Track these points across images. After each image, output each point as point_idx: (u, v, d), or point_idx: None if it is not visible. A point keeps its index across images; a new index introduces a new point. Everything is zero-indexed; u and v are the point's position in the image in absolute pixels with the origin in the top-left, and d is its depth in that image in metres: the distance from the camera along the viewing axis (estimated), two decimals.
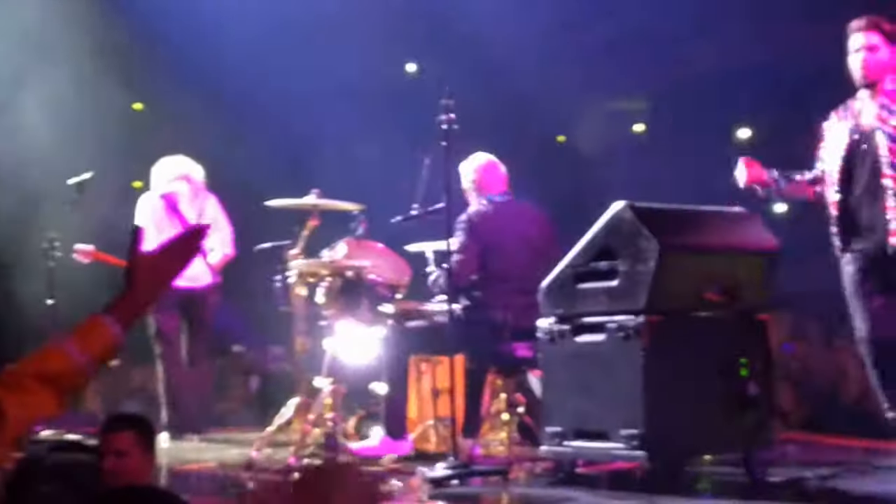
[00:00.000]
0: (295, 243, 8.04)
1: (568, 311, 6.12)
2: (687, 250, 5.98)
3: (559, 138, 17.14)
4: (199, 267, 8.96)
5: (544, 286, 6.26)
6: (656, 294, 5.76)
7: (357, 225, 8.19)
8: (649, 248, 5.77)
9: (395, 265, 8.35)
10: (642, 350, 5.70)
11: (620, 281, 5.89)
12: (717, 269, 6.08)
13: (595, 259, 6.04)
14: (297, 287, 7.92)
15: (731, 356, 5.97)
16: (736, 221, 6.39)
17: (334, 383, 7.56)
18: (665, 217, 6.08)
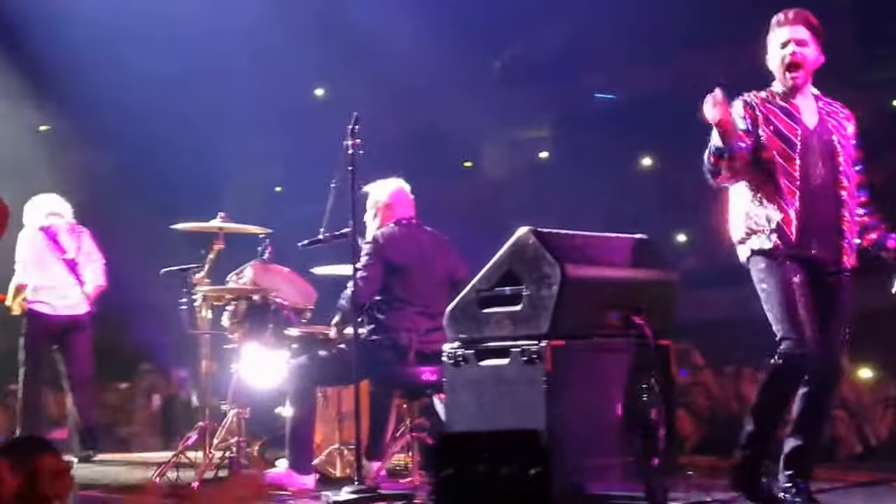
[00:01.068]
0: (201, 266, 8.03)
1: (472, 335, 6.17)
2: (589, 276, 6.06)
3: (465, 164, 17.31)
4: (76, 297, 9.05)
5: (449, 310, 6.31)
6: (559, 319, 5.84)
7: (263, 248, 8.20)
8: (552, 274, 5.85)
9: (301, 289, 8.38)
10: (545, 374, 5.76)
11: (524, 306, 5.96)
12: (620, 294, 6.17)
13: (499, 284, 6.10)
14: (203, 310, 7.91)
15: (633, 381, 6.06)
16: (638, 248, 6.50)
17: (239, 407, 7.54)
18: (568, 243, 6.17)
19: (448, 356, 6.23)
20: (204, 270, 8.03)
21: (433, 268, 7.62)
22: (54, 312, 9.04)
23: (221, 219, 8.06)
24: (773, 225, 5.90)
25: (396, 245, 7.54)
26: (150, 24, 13.55)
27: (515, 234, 6.09)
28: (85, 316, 9.30)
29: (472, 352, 6.15)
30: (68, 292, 9.16)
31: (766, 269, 5.96)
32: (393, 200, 7.76)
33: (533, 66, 14.78)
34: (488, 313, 6.13)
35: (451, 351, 6.23)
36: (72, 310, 9.18)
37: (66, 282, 9.15)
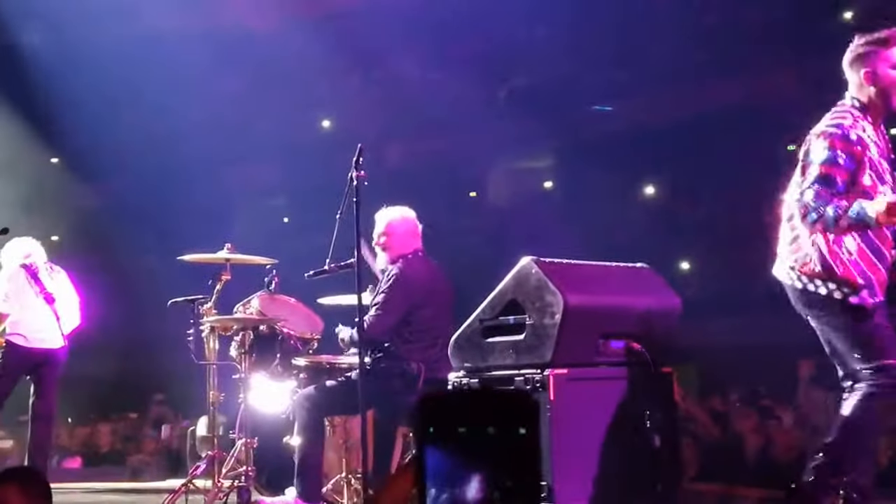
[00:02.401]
0: (208, 297, 8.12)
1: (477, 363, 6.24)
2: (592, 305, 6.14)
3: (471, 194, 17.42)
4: (53, 331, 9.26)
5: (454, 339, 6.38)
6: (562, 347, 5.91)
7: (270, 279, 8.28)
8: (555, 303, 5.92)
9: (307, 319, 8.45)
10: (548, 403, 5.83)
11: (527, 335, 6.03)
12: (622, 322, 6.25)
13: (503, 313, 6.17)
14: (211, 341, 7.99)
15: (636, 408, 6.12)
16: (640, 277, 6.58)
17: (247, 436, 7.61)
18: (571, 272, 6.25)
19: (452, 385, 6.30)
20: (211, 301, 8.12)
21: (441, 299, 7.68)
22: (29, 346, 9.16)
23: (228, 250, 8.15)
24: (864, 280, 5.58)
25: (417, 280, 7.55)
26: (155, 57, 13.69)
27: (518, 264, 6.16)
28: (59, 351, 9.41)
29: (477, 380, 6.22)
30: (45, 328, 9.27)
31: (850, 315, 5.60)
32: (404, 229, 7.77)
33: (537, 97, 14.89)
34: (492, 342, 6.20)
35: (457, 380, 6.30)
36: (47, 344, 9.28)
37: (44, 318, 9.26)
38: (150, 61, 13.66)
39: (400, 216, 7.80)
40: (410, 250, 7.68)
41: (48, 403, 9.45)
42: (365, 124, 13.89)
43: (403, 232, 7.75)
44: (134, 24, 13.65)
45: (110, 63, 13.14)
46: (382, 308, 7.32)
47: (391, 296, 7.38)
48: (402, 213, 7.82)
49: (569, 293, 5.95)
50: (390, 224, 7.73)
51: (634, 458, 6.07)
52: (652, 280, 6.61)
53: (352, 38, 14.82)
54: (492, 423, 4.81)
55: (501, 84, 15.71)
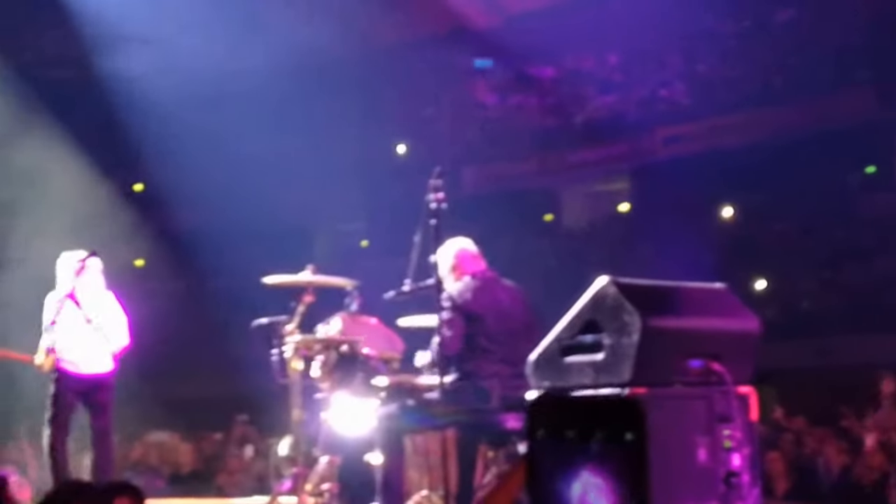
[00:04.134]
0: (291, 318, 8.29)
1: (555, 383, 6.28)
2: (669, 325, 6.17)
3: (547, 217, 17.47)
4: (101, 355, 9.39)
5: (532, 359, 6.45)
6: (640, 367, 5.94)
7: (351, 300, 8.43)
8: (632, 322, 5.96)
9: (388, 339, 8.58)
10: None
11: (605, 354, 6.06)
12: (699, 343, 6.26)
13: (581, 333, 6.21)
14: (294, 361, 8.15)
15: (715, 428, 6.14)
16: (718, 297, 6.60)
17: (330, 454, 7.74)
18: (648, 292, 6.28)
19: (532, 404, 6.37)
20: (294, 322, 8.28)
21: (510, 317, 7.77)
22: (79, 372, 9.32)
23: (310, 272, 8.32)
24: None
25: (472, 296, 7.68)
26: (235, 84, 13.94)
27: (595, 284, 6.22)
28: (108, 374, 9.57)
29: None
30: (93, 352, 9.43)
31: None
32: (458, 261, 7.90)
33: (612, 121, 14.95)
34: (570, 362, 6.25)
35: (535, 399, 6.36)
36: (96, 369, 9.45)
37: (91, 342, 9.41)
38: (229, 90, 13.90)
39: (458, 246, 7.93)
40: (472, 272, 7.80)
41: (104, 423, 9.62)
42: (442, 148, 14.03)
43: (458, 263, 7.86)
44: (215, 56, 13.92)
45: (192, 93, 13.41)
46: (445, 326, 7.45)
47: (447, 317, 7.51)
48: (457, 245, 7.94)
49: (646, 313, 5.98)
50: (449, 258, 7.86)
51: (713, 478, 6.09)
52: (729, 300, 6.62)
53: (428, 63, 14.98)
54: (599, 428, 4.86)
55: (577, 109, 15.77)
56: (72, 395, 9.29)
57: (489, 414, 7.43)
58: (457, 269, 7.86)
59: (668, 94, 14.04)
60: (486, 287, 7.81)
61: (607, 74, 15.89)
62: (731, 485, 6.07)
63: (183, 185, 13.71)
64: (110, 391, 9.63)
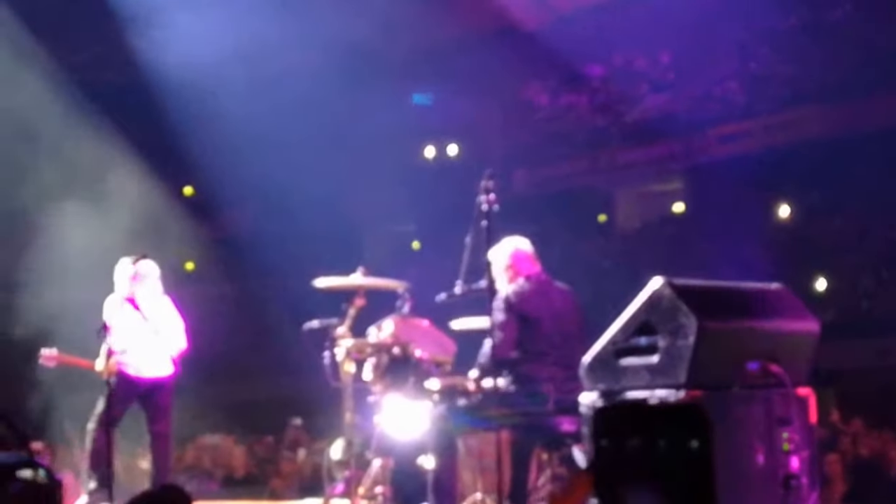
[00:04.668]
0: (342, 321, 8.26)
1: (610, 385, 6.22)
2: (726, 325, 6.08)
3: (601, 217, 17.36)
4: (161, 359, 9.42)
5: (586, 361, 6.38)
6: (696, 369, 5.86)
7: (402, 302, 8.40)
8: (688, 324, 5.88)
9: (440, 341, 8.54)
10: None
11: (661, 356, 5.99)
12: (757, 344, 6.17)
13: (635, 335, 6.14)
14: (346, 364, 8.12)
15: (773, 431, 6.04)
16: (776, 298, 6.50)
17: (383, 457, 7.70)
18: (703, 293, 6.20)
19: (586, 407, 6.30)
20: (345, 325, 8.26)
21: (565, 320, 7.72)
22: (139, 375, 9.35)
23: (361, 274, 8.29)
24: None
25: (526, 299, 7.64)
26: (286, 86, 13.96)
27: (650, 286, 6.14)
28: (167, 378, 9.60)
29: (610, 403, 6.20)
30: (152, 356, 9.46)
31: None
32: (514, 261, 7.85)
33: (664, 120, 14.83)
34: (625, 364, 6.18)
35: (590, 402, 6.30)
36: (155, 372, 9.48)
37: (150, 346, 9.44)
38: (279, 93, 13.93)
39: (514, 246, 7.87)
40: (525, 275, 7.72)
41: (163, 426, 9.66)
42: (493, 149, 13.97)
43: (513, 263, 7.81)
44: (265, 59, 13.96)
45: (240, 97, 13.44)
46: (499, 328, 7.39)
47: (501, 319, 7.46)
48: (513, 244, 7.88)
49: (702, 315, 5.91)
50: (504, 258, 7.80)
51: (772, 480, 5.99)
52: (788, 301, 6.52)
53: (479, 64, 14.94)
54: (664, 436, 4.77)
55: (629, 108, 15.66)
56: (129, 398, 9.33)
57: (544, 416, 7.37)
58: (511, 270, 7.81)
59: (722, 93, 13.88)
60: (541, 290, 7.75)
61: (659, 73, 15.77)
62: (790, 488, 5.98)
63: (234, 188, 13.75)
64: (169, 394, 9.67)
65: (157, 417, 9.63)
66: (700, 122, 14.89)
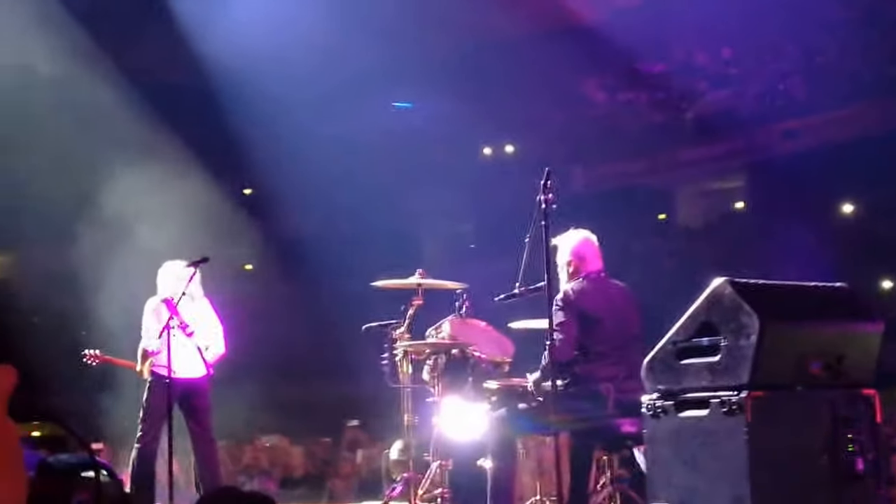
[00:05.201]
0: (401, 322, 8.24)
1: (671, 386, 6.16)
2: (789, 325, 6.00)
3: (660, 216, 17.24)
4: (196, 360, 9.45)
5: (647, 362, 6.32)
6: (759, 369, 5.79)
7: (460, 303, 8.36)
8: (750, 324, 5.81)
9: (498, 342, 8.50)
10: (746, 425, 5.71)
11: (722, 356, 5.92)
12: (820, 343, 6.08)
13: (697, 335, 6.08)
14: (404, 365, 8.10)
15: (837, 431, 5.95)
16: (839, 297, 6.40)
17: (441, 459, 7.67)
18: (765, 292, 6.12)
19: (647, 408, 6.24)
20: (404, 326, 8.24)
21: (625, 319, 7.64)
22: (175, 376, 9.38)
23: (419, 275, 8.26)
24: None
25: (587, 298, 7.56)
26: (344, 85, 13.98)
27: (712, 285, 6.07)
28: (203, 380, 9.62)
29: (671, 403, 6.13)
30: (188, 358, 9.49)
31: None
32: (577, 257, 7.76)
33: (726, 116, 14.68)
34: (686, 364, 6.12)
35: (650, 402, 6.23)
36: (191, 374, 9.52)
37: (186, 348, 9.47)
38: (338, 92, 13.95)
39: (579, 240, 7.78)
40: (587, 272, 7.64)
41: (203, 428, 9.71)
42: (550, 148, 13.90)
43: (582, 255, 7.72)
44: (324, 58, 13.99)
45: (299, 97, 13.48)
46: (559, 329, 7.31)
47: (560, 318, 7.38)
48: (582, 236, 7.80)
49: (765, 314, 5.83)
50: (569, 248, 7.71)
51: (835, 481, 5.90)
52: (852, 300, 6.41)
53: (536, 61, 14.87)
54: None
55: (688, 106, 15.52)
56: (168, 400, 9.38)
57: (603, 417, 7.30)
58: (573, 265, 7.71)
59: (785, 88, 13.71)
60: (601, 288, 7.68)
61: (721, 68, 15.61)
62: (856, 488, 5.89)
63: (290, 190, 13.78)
64: (206, 396, 9.72)
65: (196, 419, 9.69)
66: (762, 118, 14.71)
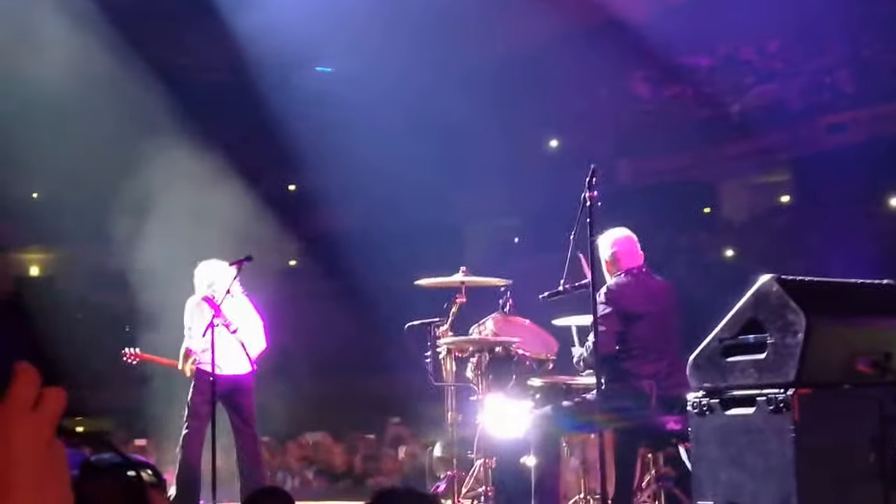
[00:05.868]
0: (444, 320, 8.23)
1: (717, 383, 6.13)
2: (836, 323, 5.95)
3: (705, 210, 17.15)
4: (240, 358, 9.49)
5: (692, 359, 6.28)
6: (805, 367, 5.74)
7: (504, 301, 8.33)
8: (797, 321, 5.76)
9: (542, 340, 8.46)
10: (793, 423, 5.66)
11: (769, 354, 5.88)
12: (868, 341, 6.02)
13: (743, 332, 6.04)
14: (447, 362, 8.09)
15: (885, 429, 5.89)
16: (886, 294, 6.34)
17: (485, 456, 7.65)
18: (812, 289, 6.07)
19: (693, 405, 6.20)
20: (447, 323, 8.22)
21: (667, 315, 7.61)
22: (219, 373, 9.41)
23: (463, 273, 8.24)
24: None
25: (629, 294, 7.54)
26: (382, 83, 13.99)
27: (758, 282, 6.02)
28: (247, 376, 9.65)
29: (717, 401, 6.10)
30: (231, 355, 9.52)
31: None
32: (622, 250, 7.74)
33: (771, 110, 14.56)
34: (732, 362, 6.08)
35: (696, 400, 6.20)
36: (234, 370, 9.54)
37: (230, 345, 9.50)
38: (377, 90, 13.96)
39: (619, 237, 7.75)
40: (628, 268, 7.60)
41: (247, 424, 9.76)
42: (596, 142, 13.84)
43: (623, 251, 7.70)
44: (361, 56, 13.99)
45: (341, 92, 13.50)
46: (601, 323, 7.27)
47: (603, 314, 7.34)
48: (621, 234, 7.77)
49: (812, 311, 5.78)
50: (609, 245, 7.68)
51: (883, 480, 5.84)
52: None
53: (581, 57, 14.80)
54: None
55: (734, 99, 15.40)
56: (211, 397, 9.43)
57: (647, 415, 7.26)
58: (615, 262, 7.70)
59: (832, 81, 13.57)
60: (642, 284, 7.65)
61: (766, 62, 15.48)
62: None
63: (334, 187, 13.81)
64: (249, 394, 9.77)
65: (240, 415, 9.73)
66: (808, 111, 14.59)
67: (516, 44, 15.62)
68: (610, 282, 7.65)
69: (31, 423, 1.37)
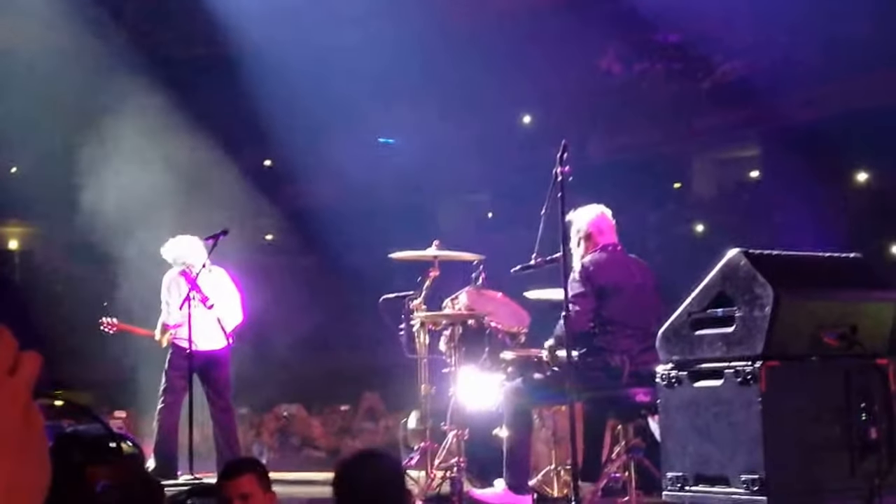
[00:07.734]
0: (418, 293, 8.31)
1: (685, 356, 6.22)
2: (803, 296, 6.04)
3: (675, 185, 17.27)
4: (216, 332, 9.49)
5: (661, 332, 6.37)
6: (773, 339, 5.83)
7: (477, 274, 8.42)
8: (765, 295, 5.85)
9: (514, 313, 8.55)
10: (760, 395, 5.76)
11: (737, 327, 5.97)
12: (835, 314, 6.12)
13: (711, 305, 6.13)
14: (421, 335, 8.18)
15: (851, 400, 6.00)
16: (853, 267, 6.44)
17: (458, 428, 7.75)
18: (780, 263, 6.16)
19: (661, 378, 6.30)
20: (421, 297, 8.30)
21: (642, 290, 7.68)
22: (195, 348, 9.45)
23: (436, 247, 8.32)
24: None
25: (604, 270, 7.60)
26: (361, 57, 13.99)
27: (726, 256, 6.11)
28: (223, 350, 9.71)
29: (686, 373, 6.19)
30: (207, 329, 9.57)
31: None
32: (595, 228, 7.80)
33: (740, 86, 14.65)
34: (701, 335, 6.17)
35: (665, 372, 6.29)
36: (211, 346, 9.59)
37: (206, 320, 9.54)
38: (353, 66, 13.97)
39: (594, 214, 7.82)
40: (604, 244, 7.69)
41: (223, 399, 9.82)
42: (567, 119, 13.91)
43: (598, 228, 7.76)
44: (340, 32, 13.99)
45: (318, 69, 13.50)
46: (575, 300, 7.35)
47: (577, 290, 7.42)
48: (595, 211, 7.83)
49: (779, 285, 5.87)
50: (585, 222, 7.76)
51: (849, 451, 5.95)
52: (866, 270, 6.45)
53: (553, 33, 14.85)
54: None
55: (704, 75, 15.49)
56: (187, 372, 9.47)
57: (618, 388, 7.36)
58: (589, 239, 7.75)
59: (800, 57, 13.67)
60: (618, 261, 7.72)
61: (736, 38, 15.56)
62: (868, 458, 5.93)
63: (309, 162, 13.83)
64: (225, 367, 9.82)
65: (216, 389, 9.79)
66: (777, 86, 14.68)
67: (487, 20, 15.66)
68: (585, 259, 7.70)
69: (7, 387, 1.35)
